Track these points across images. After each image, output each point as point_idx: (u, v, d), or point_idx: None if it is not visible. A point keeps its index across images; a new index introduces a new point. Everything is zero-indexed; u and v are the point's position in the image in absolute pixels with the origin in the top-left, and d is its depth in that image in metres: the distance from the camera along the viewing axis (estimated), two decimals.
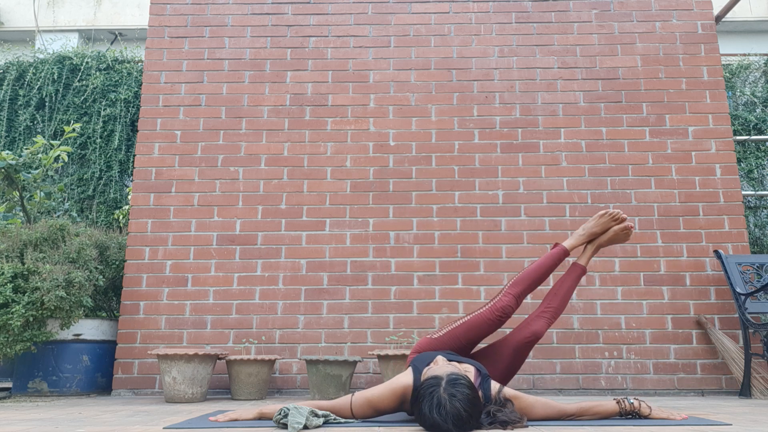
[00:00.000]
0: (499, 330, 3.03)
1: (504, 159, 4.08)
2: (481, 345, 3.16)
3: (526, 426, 1.89)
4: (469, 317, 2.36)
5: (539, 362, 3.73)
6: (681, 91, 4.16)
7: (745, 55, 6.18)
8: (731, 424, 2.00)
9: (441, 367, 1.87)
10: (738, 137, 5.24)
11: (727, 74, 5.97)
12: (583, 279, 3.84)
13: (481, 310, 2.36)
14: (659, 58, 4.22)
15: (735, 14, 7.76)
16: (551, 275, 2.58)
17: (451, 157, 4.08)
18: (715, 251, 3.77)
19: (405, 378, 1.99)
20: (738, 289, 3.55)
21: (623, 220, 2.57)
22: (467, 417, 1.70)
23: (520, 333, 2.36)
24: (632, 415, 2.09)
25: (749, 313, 3.52)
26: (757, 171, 5.62)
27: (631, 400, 2.10)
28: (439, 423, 1.69)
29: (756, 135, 5.69)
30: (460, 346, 2.36)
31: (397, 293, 3.86)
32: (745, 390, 3.41)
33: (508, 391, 1.92)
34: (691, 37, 4.26)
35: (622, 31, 4.28)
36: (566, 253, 2.55)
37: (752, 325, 3.38)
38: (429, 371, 1.88)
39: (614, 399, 2.12)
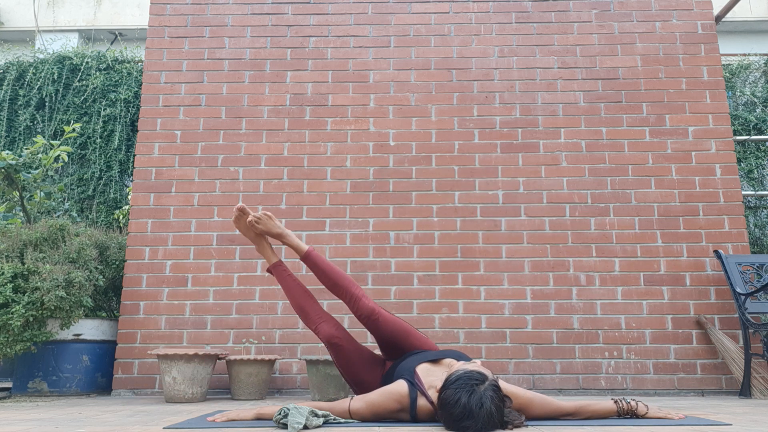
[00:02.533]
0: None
1: (504, 159, 4.08)
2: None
3: (526, 425, 1.89)
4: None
5: (539, 362, 3.73)
6: (681, 91, 4.16)
7: (745, 55, 6.18)
8: (731, 424, 2.00)
9: (482, 367, 1.88)
10: (738, 137, 5.23)
11: (727, 74, 5.96)
12: (584, 279, 3.85)
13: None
14: (659, 58, 4.22)
15: (735, 14, 7.76)
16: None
17: (451, 157, 4.08)
18: (715, 251, 3.77)
19: (401, 387, 1.97)
20: (738, 289, 3.55)
21: (246, 213, 2.62)
22: (494, 423, 1.73)
23: (366, 323, 2.40)
24: (630, 414, 2.09)
25: (749, 313, 3.52)
26: (757, 171, 5.62)
27: (629, 400, 2.10)
28: (473, 414, 1.70)
29: (756, 135, 5.69)
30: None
31: (397, 293, 3.86)
32: (745, 390, 3.41)
33: (505, 386, 1.92)
34: (691, 37, 4.26)
35: (622, 31, 4.28)
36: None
37: (752, 325, 3.38)
38: (473, 366, 1.88)
39: (612, 399, 2.12)
